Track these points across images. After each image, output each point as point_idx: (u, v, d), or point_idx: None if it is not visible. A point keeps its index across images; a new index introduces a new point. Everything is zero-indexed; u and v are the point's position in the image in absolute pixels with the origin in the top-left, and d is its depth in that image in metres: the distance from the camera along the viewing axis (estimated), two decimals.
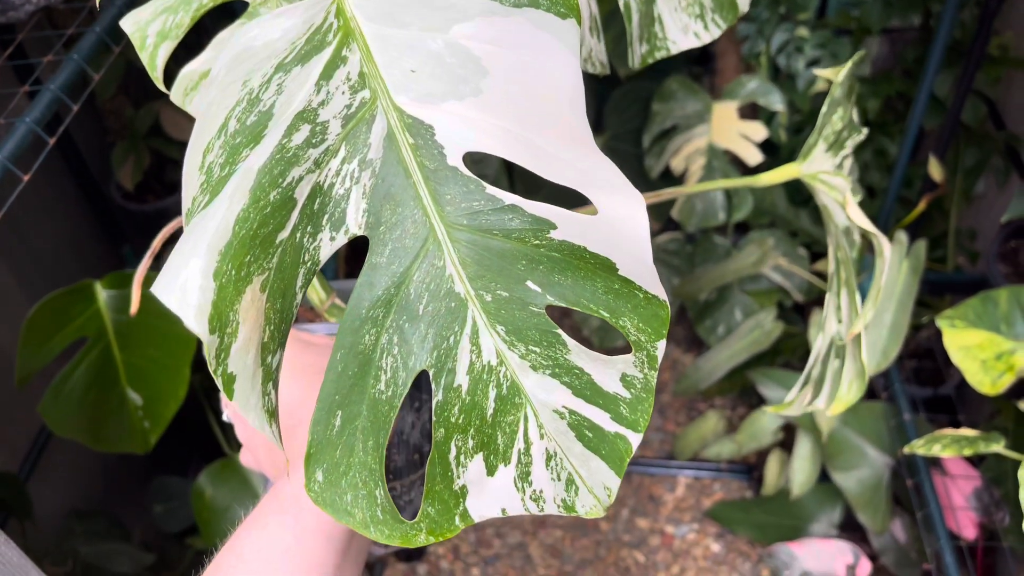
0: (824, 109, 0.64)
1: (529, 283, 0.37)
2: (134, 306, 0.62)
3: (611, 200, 0.36)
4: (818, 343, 0.71)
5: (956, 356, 0.99)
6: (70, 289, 1.08)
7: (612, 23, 1.63)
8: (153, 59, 0.53)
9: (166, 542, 1.47)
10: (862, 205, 1.76)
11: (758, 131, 1.66)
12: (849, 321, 0.68)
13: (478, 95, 0.36)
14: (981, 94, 1.60)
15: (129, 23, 0.53)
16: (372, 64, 0.37)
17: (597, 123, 1.87)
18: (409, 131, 0.37)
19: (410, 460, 0.57)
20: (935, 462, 1.29)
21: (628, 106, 1.81)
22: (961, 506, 1.26)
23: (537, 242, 0.37)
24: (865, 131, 0.72)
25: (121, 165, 1.53)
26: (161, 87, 0.54)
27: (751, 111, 1.76)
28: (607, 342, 1.81)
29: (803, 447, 1.49)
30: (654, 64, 0.63)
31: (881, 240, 0.65)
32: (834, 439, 1.44)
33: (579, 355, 0.38)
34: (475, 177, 0.37)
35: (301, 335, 0.54)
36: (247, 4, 0.54)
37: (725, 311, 1.75)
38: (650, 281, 0.37)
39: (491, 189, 0.37)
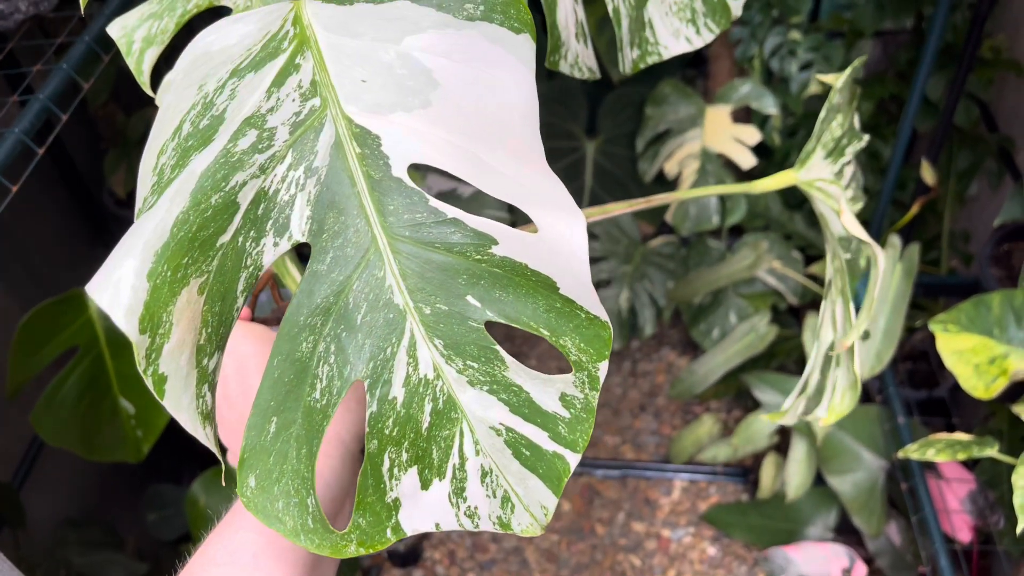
0: (822, 116, 0.64)
1: (469, 298, 0.37)
2: None
3: (551, 217, 0.36)
4: (814, 351, 0.70)
5: (949, 360, 0.99)
6: (61, 298, 1.08)
7: (605, 28, 1.63)
8: (139, 64, 0.53)
9: (160, 550, 1.46)
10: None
11: (751, 135, 1.66)
12: (844, 330, 0.67)
13: (427, 107, 0.36)
14: (974, 97, 1.60)
15: (116, 29, 0.53)
16: (324, 73, 0.37)
17: (590, 127, 1.87)
18: (356, 140, 0.37)
19: None
20: (930, 465, 1.29)
21: (622, 110, 1.81)
22: (956, 509, 1.26)
23: (479, 257, 0.36)
24: (866, 138, 0.71)
25: (113, 172, 1.52)
26: (148, 91, 0.54)
27: (744, 115, 1.76)
28: None
29: (798, 451, 1.49)
30: (647, 68, 0.63)
31: (875, 250, 0.65)
32: (829, 443, 1.44)
33: (517, 372, 0.38)
34: (419, 189, 0.37)
35: (266, 333, 0.54)
36: (231, 9, 0.54)
37: (720, 315, 1.75)
38: (590, 301, 0.37)
39: (434, 202, 0.37)
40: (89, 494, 1.45)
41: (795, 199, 1.81)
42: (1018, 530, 0.83)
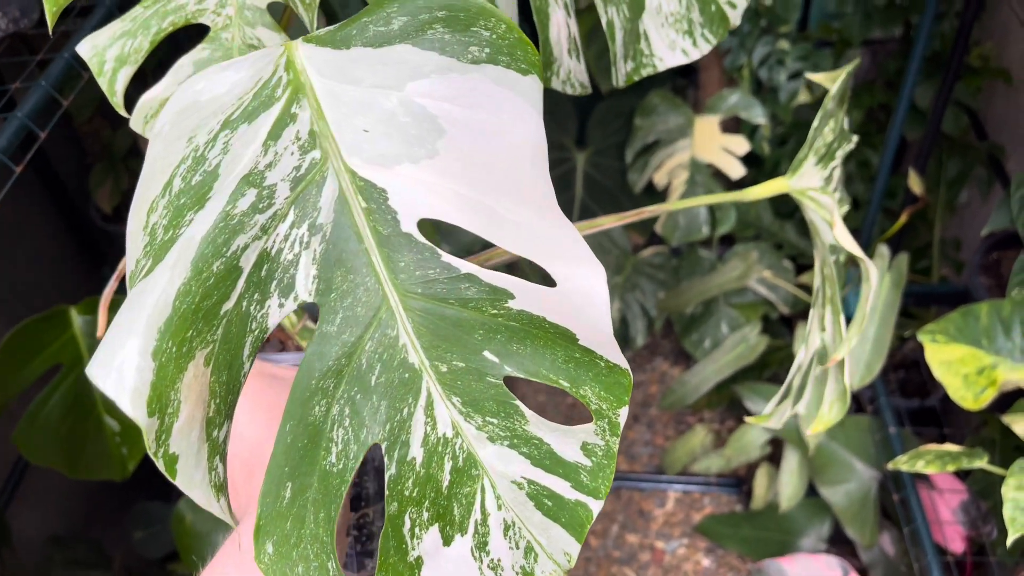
0: (816, 123, 0.62)
1: (486, 353, 0.36)
2: (100, 330, 0.61)
3: (572, 271, 0.35)
4: (800, 356, 0.70)
5: (938, 371, 0.98)
6: (45, 315, 1.07)
7: (594, 39, 1.63)
8: (112, 85, 0.52)
9: (147, 568, 1.45)
10: (846, 218, 1.76)
11: (740, 144, 1.66)
12: (834, 338, 0.67)
13: (433, 157, 0.35)
14: (963, 105, 1.60)
15: (86, 48, 0.52)
16: (323, 122, 0.36)
17: (580, 138, 1.87)
18: (362, 194, 0.35)
19: (382, 487, 0.56)
20: (922, 476, 1.28)
21: (611, 121, 1.81)
22: (949, 520, 1.26)
23: (495, 311, 0.36)
24: (855, 139, 0.70)
25: (99, 187, 1.52)
26: (122, 112, 0.53)
27: (734, 125, 1.76)
28: None
29: (790, 461, 1.49)
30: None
31: (868, 265, 0.64)
32: (821, 453, 1.43)
33: (538, 426, 0.37)
34: (430, 244, 0.36)
35: (265, 368, 0.53)
36: (208, 27, 0.53)
37: (711, 325, 1.75)
38: (611, 351, 0.36)
39: (447, 257, 0.36)
40: (75, 512, 1.44)
41: (786, 208, 1.81)
42: (1008, 542, 0.82)
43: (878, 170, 1.41)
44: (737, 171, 1.66)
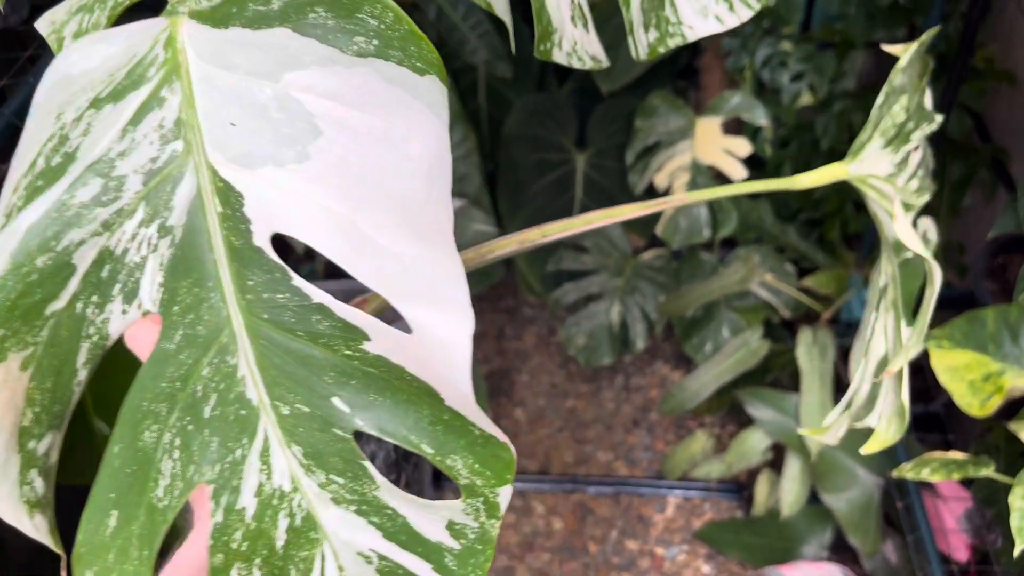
0: (880, 99, 0.54)
1: (336, 400, 0.31)
2: None
3: (436, 317, 0.30)
4: (861, 366, 0.62)
5: (943, 377, 0.97)
6: None
7: (597, 25, 1.61)
8: None
9: None
10: (849, 219, 1.74)
11: (742, 147, 1.64)
12: (894, 346, 0.60)
13: (303, 161, 0.30)
14: (967, 107, 1.58)
15: (44, 24, 0.49)
16: (192, 110, 0.32)
17: (580, 139, 1.85)
18: (219, 197, 0.31)
19: None
20: (926, 483, 1.26)
21: (612, 122, 1.79)
22: (953, 528, 1.24)
23: (348, 352, 0.31)
24: (939, 119, 0.60)
25: None
26: None
27: (736, 126, 1.74)
28: (593, 360, 1.79)
29: (792, 467, 1.47)
30: (637, 80, 0.57)
31: (932, 266, 0.55)
32: (824, 459, 1.42)
33: (391, 493, 0.32)
34: (281, 263, 0.31)
35: None
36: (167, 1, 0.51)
37: (712, 328, 1.73)
38: (479, 419, 0.31)
39: (298, 281, 0.31)
40: (65, 517, 1.42)
41: (788, 211, 1.79)
42: (1015, 552, 0.80)
43: None
44: (739, 173, 1.64)
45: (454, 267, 0.30)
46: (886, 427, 0.60)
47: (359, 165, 0.30)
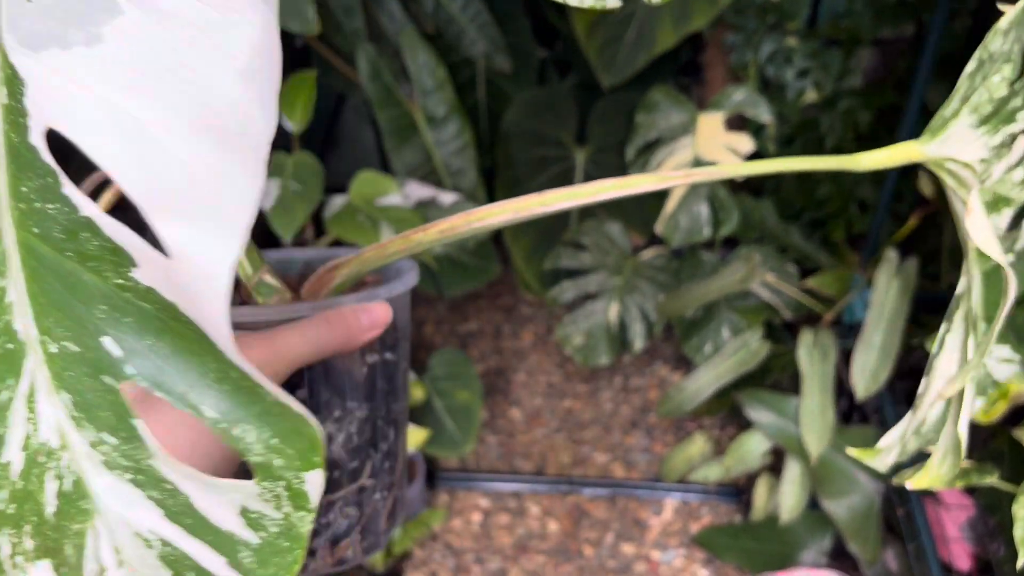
0: (971, 67, 0.45)
1: (106, 340, 0.25)
2: None
3: (194, 234, 0.24)
4: (935, 386, 0.51)
5: None
6: None
7: (597, 30, 1.58)
8: None
9: None
10: (852, 219, 1.71)
11: (745, 144, 1.61)
12: (960, 361, 0.50)
13: (92, 44, 0.26)
14: None
15: None
16: None
17: (580, 135, 1.83)
18: (7, 85, 0.26)
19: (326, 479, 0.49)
20: (928, 490, 1.23)
21: (612, 117, 1.77)
22: (955, 536, 1.21)
23: (120, 281, 0.26)
24: None
25: (80, 185, 1.48)
26: None
27: (739, 123, 1.71)
28: (590, 360, 1.76)
29: (792, 472, 1.44)
30: (638, 75, 0.53)
31: (1008, 273, 0.46)
32: (824, 464, 1.39)
33: (168, 464, 0.26)
34: (54, 167, 0.26)
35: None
36: None
37: (712, 329, 1.70)
38: (262, 380, 0.26)
39: (68, 188, 0.26)
40: None
41: (791, 209, 1.76)
42: (1018, 564, 0.77)
43: (886, 172, 1.36)
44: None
45: (248, 180, 0.25)
46: (940, 461, 0.50)
47: (160, 53, 0.25)
